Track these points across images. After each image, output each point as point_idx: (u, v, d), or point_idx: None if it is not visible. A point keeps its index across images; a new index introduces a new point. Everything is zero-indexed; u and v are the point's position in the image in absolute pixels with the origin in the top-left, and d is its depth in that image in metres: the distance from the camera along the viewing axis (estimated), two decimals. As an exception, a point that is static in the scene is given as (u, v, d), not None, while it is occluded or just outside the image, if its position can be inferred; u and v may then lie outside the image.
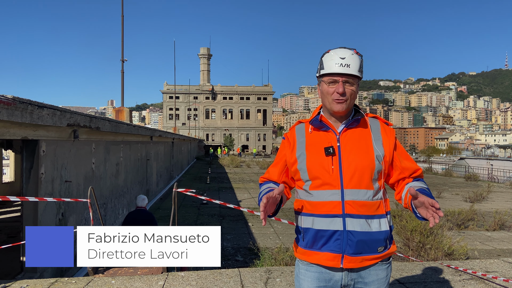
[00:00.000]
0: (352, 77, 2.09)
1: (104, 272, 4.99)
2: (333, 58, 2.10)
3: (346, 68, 2.07)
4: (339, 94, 2.08)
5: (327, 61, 2.12)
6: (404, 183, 2.23)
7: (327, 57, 2.14)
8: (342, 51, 2.12)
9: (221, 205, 13.12)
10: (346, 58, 2.08)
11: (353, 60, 2.09)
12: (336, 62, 2.08)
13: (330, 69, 2.10)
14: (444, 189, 24.19)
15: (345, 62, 2.07)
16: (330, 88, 2.11)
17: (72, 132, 7.34)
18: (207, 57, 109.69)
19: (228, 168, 41.51)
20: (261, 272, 4.96)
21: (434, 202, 1.89)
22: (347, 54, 2.10)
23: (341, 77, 2.08)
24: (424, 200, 1.92)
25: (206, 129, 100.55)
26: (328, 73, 2.11)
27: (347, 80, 2.09)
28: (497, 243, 10.92)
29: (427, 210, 1.93)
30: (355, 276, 2.11)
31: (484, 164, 42.76)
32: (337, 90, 2.08)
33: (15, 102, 4.78)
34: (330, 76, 2.11)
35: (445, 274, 4.93)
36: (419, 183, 2.19)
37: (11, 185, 17.70)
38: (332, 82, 2.10)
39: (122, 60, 21.59)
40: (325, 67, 2.13)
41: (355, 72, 2.09)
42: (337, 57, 2.09)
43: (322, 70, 2.14)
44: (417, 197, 1.94)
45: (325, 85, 2.14)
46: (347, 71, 2.07)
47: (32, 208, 6.14)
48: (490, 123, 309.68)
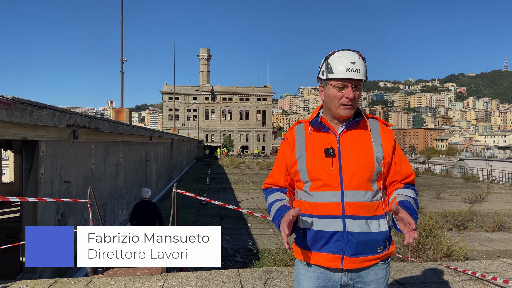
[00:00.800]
0: (360, 82, 2.09)
1: (103, 272, 4.99)
2: (343, 62, 2.06)
3: (357, 73, 2.05)
4: (348, 100, 2.07)
5: (336, 65, 2.07)
6: (394, 189, 2.23)
7: (335, 60, 2.08)
8: (350, 54, 2.08)
9: (220, 206, 13.12)
10: (356, 62, 2.05)
11: (361, 65, 2.07)
12: (347, 67, 2.04)
13: (340, 73, 2.05)
14: (443, 190, 24.21)
15: (355, 67, 2.05)
16: (339, 93, 2.09)
17: (72, 133, 7.34)
18: (206, 58, 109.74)
19: (228, 168, 41.51)
20: (261, 272, 4.97)
21: (411, 222, 1.91)
22: (356, 58, 2.07)
23: (351, 82, 2.06)
24: (403, 217, 1.94)
25: (206, 129, 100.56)
26: (338, 78, 2.07)
27: (356, 85, 2.08)
28: (496, 244, 10.93)
29: (405, 227, 1.95)
30: (354, 276, 2.12)
31: (484, 165, 42.77)
32: (347, 95, 2.06)
33: (14, 103, 4.79)
34: (340, 81, 2.07)
35: (444, 275, 4.94)
36: (407, 191, 2.18)
37: (10, 185, 17.69)
38: (341, 87, 2.08)
39: (122, 61, 21.60)
40: (334, 70, 2.07)
41: (363, 77, 2.08)
42: (347, 61, 2.05)
43: (331, 73, 2.08)
44: (398, 213, 1.95)
45: (332, 89, 2.10)
46: (357, 76, 2.05)
47: (31, 208, 6.14)
48: (490, 124, 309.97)
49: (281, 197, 2.25)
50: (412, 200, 2.13)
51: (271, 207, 2.24)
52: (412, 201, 2.12)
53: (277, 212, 2.15)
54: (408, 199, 2.13)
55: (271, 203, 2.26)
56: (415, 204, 2.13)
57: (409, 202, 2.10)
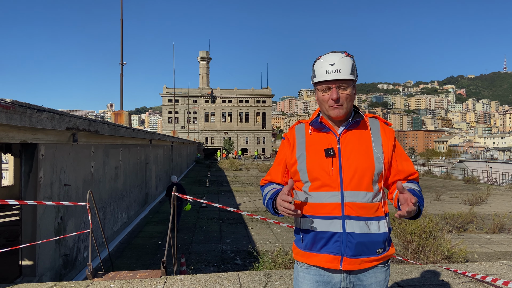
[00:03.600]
0: (344, 81, 2.09)
1: (103, 276, 4.97)
2: (323, 65, 2.10)
3: (337, 74, 2.07)
4: (333, 101, 2.09)
5: (318, 69, 2.13)
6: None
7: (317, 65, 2.14)
8: (332, 56, 2.11)
9: (220, 208, 13.08)
10: (336, 63, 2.08)
11: (343, 64, 2.08)
12: (326, 69, 2.09)
13: (321, 76, 2.10)
14: (443, 192, 24.19)
15: (335, 68, 2.07)
16: (324, 95, 2.12)
17: (71, 136, 7.34)
18: (206, 61, 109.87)
19: (228, 171, 41.48)
20: (260, 275, 4.95)
21: (413, 198, 1.90)
22: (337, 59, 2.09)
23: (334, 83, 2.08)
24: (407, 197, 1.92)
25: (206, 132, 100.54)
26: (320, 81, 2.11)
27: (340, 85, 2.09)
28: (496, 246, 10.92)
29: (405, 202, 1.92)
30: (354, 278, 2.11)
31: (483, 167, 42.74)
32: (331, 97, 2.09)
33: (14, 106, 4.79)
34: (322, 84, 2.11)
35: (444, 277, 4.93)
36: (411, 184, 2.20)
37: (10, 188, 17.68)
38: (326, 89, 2.11)
39: (121, 64, 21.62)
40: (316, 75, 2.13)
41: (346, 76, 2.08)
42: (327, 63, 2.09)
43: (315, 78, 2.15)
44: (403, 193, 1.93)
45: (319, 92, 2.15)
46: (338, 76, 2.07)
47: (31, 211, 6.13)
48: (489, 126, 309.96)
49: (276, 187, 2.29)
50: (417, 191, 2.14)
51: (266, 196, 2.29)
52: (417, 191, 2.13)
53: (272, 195, 2.20)
54: (413, 188, 2.14)
55: (265, 194, 2.31)
56: (420, 194, 2.13)
57: (414, 190, 2.11)
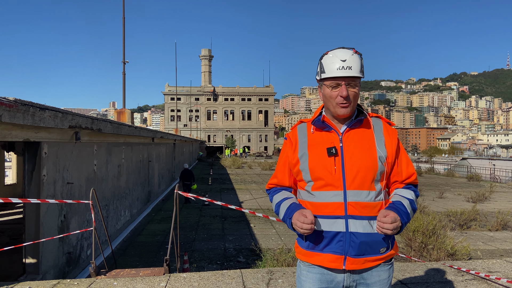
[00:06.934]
0: (354, 78, 2.05)
1: (106, 273, 4.99)
2: (334, 61, 2.04)
3: (348, 70, 2.02)
4: (343, 98, 2.05)
5: (327, 64, 2.06)
6: (393, 188, 2.22)
7: (327, 60, 2.07)
8: (342, 52, 2.06)
9: (223, 206, 13.09)
10: (347, 60, 2.03)
11: (354, 61, 2.04)
12: (338, 66, 2.03)
13: (332, 72, 2.05)
14: (446, 189, 24.13)
15: (346, 64, 2.03)
16: (333, 92, 2.07)
17: (74, 134, 7.35)
18: (208, 59, 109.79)
19: (230, 169, 41.50)
20: (263, 273, 4.96)
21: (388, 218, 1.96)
22: (348, 56, 2.05)
23: (344, 80, 2.04)
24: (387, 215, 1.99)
25: (208, 130, 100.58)
26: (330, 77, 2.06)
27: (349, 82, 2.05)
28: (499, 243, 10.88)
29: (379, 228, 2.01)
30: (357, 277, 2.10)
31: (486, 164, 42.63)
32: (340, 94, 2.04)
33: (17, 104, 4.80)
34: (332, 80, 2.06)
35: (447, 275, 4.92)
36: (405, 192, 2.17)
37: (13, 187, 17.75)
38: (335, 86, 2.06)
39: (124, 62, 21.62)
40: (326, 70, 2.07)
41: (357, 73, 2.04)
42: (338, 59, 2.03)
43: (323, 73, 2.08)
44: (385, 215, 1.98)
45: (327, 89, 2.09)
46: (349, 73, 2.02)
47: (34, 210, 6.15)
48: (492, 123, 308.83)
49: (288, 196, 2.24)
50: (407, 201, 2.11)
51: (279, 206, 2.20)
52: (406, 202, 2.10)
53: (288, 210, 2.13)
54: (402, 200, 2.11)
55: (279, 202, 2.23)
56: (410, 205, 2.10)
57: (401, 204, 2.08)
